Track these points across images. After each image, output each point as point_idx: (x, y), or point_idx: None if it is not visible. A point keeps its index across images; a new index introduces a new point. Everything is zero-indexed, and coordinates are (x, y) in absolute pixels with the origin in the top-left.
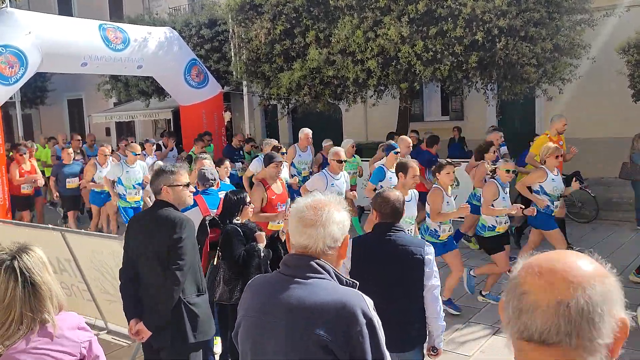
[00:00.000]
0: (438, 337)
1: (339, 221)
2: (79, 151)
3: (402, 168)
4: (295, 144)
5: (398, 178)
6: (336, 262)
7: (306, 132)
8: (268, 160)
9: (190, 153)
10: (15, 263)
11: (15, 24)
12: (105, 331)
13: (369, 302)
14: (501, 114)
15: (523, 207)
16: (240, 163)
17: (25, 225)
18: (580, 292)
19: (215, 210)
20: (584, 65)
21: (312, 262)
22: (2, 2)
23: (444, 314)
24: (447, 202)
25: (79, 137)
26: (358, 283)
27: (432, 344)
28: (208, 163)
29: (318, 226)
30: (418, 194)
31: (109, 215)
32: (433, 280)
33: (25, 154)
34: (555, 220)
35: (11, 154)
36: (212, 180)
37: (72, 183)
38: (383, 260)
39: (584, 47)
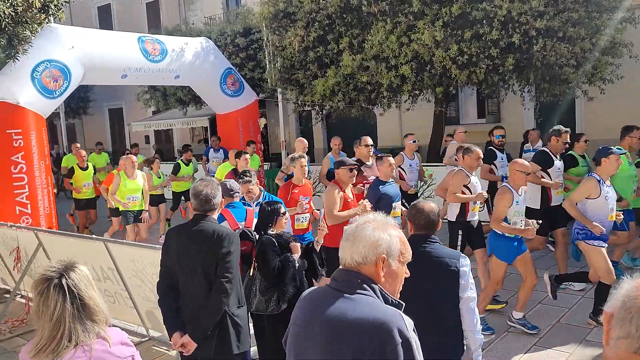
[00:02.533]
0: (476, 351)
1: (370, 240)
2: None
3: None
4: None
5: None
6: (378, 279)
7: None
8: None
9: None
10: (64, 281)
11: (59, 39)
12: (147, 338)
13: (408, 323)
14: (540, 115)
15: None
16: None
17: (70, 235)
18: None
19: (243, 223)
20: (626, 64)
21: (359, 278)
22: (46, 20)
23: (482, 326)
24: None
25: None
26: (404, 304)
27: (470, 356)
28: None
29: (350, 240)
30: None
31: None
32: (469, 292)
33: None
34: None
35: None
36: (234, 192)
37: None
38: (417, 272)
39: (625, 45)
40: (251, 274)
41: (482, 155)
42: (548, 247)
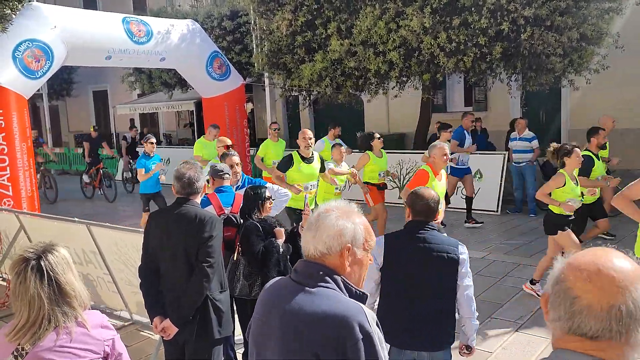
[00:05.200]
0: (472, 336)
1: (335, 229)
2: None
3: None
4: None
5: None
6: (343, 270)
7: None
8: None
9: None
10: (42, 262)
11: (41, 18)
12: (130, 322)
13: (369, 317)
14: (526, 104)
15: None
16: None
17: (52, 218)
18: (628, 296)
19: (229, 208)
20: (612, 54)
21: (320, 270)
22: None
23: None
24: None
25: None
26: (368, 295)
27: (466, 342)
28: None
29: (312, 230)
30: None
31: None
32: (466, 281)
33: None
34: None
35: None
36: (224, 173)
37: None
38: (414, 259)
39: (612, 35)
40: (235, 259)
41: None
42: None
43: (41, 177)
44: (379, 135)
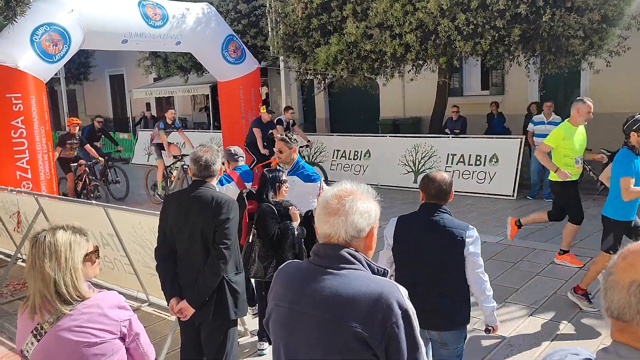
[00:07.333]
0: (489, 317)
1: (363, 211)
2: None
3: None
4: None
5: None
6: (364, 252)
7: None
8: None
9: None
10: (49, 240)
11: (58, 2)
12: (147, 303)
13: (403, 292)
14: (544, 88)
15: None
16: None
17: (70, 201)
18: None
19: (250, 184)
20: (634, 36)
21: (344, 252)
22: None
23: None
24: None
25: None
26: (389, 271)
27: (486, 323)
28: None
29: (340, 215)
30: None
31: None
32: (475, 260)
33: None
34: None
35: None
36: (238, 156)
37: None
38: (424, 240)
39: (633, 17)
40: (250, 241)
41: None
42: None
43: (180, 175)
44: None
